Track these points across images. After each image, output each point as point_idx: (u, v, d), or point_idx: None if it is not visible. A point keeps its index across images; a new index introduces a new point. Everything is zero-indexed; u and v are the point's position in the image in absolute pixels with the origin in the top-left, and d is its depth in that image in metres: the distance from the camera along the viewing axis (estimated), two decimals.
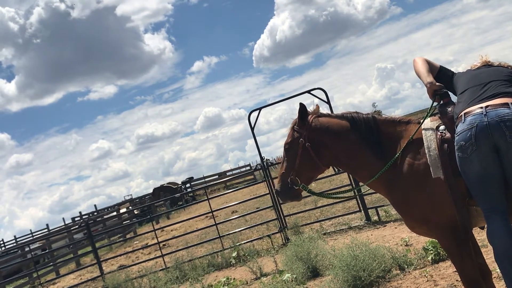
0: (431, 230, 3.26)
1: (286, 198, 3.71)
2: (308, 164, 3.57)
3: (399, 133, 3.40)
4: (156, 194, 30.47)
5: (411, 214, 3.30)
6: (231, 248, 9.51)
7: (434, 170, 3.11)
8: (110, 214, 26.11)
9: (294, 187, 3.58)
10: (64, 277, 13.98)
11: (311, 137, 3.54)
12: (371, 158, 3.39)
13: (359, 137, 3.44)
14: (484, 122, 2.85)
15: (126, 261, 13.82)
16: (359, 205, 9.34)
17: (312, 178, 3.75)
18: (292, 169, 3.59)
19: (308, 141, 3.54)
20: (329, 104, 9.44)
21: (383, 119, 3.48)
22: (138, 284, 9.36)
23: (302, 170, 3.58)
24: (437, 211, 3.16)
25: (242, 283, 7.40)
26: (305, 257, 6.65)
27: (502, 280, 4.46)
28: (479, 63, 3.37)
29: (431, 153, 3.14)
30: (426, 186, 3.16)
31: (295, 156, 3.58)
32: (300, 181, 3.58)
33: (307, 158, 3.55)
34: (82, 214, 30.02)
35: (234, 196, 18.69)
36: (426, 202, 3.17)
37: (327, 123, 3.56)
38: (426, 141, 3.19)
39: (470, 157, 2.88)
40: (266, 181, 9.96)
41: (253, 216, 13.39)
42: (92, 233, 11.99)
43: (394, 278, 5.51)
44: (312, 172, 3.67)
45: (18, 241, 31.36)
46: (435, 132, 3.20)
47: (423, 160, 3.19)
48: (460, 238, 3.14)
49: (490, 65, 3.34)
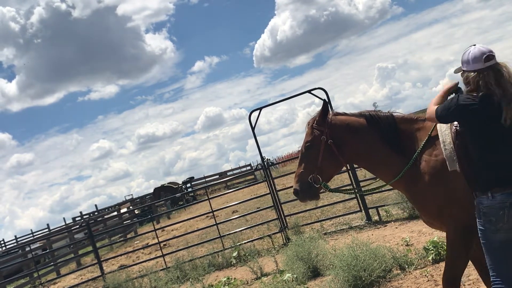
0: (445, 222, 3.30)
1: (306, 197, 3.70)
2: (330, 161, 3.61)
3: (417, 131, 3.47)
4: (157, 194, 30.47)
5: (428, 209, 3.36)
6: (231, 248, 9.52)
7: (450, 163, 3.16)
8: (111, 214, 26.11)
9: (314, 186, 3.59)
10: (65, 277, 13.99)
11: (332, 134, 3.58)
12: (391, 154, 3.45)
13: (378, 134, 3.50)
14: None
15: (127, 261, 13.82)
16: (360, 205, 9.34)
17: (332, 176, 3.78)
18: (314, 167, 3.61)
19: (331, 138, 3.57)
20: (330, 104, 9.44)
21: (401, 117, 3.56)
22: (139, 284, 9.36)
23: (324, 168, 3.61)
24: (453, 204, 3.21)
25: (243, 283, 7.40)
26: (306, 257, 6.65)
27: None
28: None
29: (447, 147, 3.20)
30: (443, 180, 3.22)
31: (317, 154, 3.60)
32: (322, 179, 3.60)
33: (329, 156, 3.59)
34: (83, 214, 30.05)
35: (235, 196, 18.70)
36: (443, 195, 3.23)
37: (347, 121, 3.62)
38: (441, 136, 3.25)
39: (498, 230, 2.85)
40: (266, 181, 9.96)
41: (254, 216, 13.39)
42: (93, 233, 12.00)
43: (395, 278, 5.51)
44: (334, 169, 3.72)
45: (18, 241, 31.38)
46: (450, 126, 3.25)
47: (439, 155, 3.25)
48: (468, 233, 3.16)
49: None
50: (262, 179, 11.59)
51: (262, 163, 10.08)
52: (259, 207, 12.57)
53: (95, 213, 30.18)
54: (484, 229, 2.90)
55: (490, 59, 2.87)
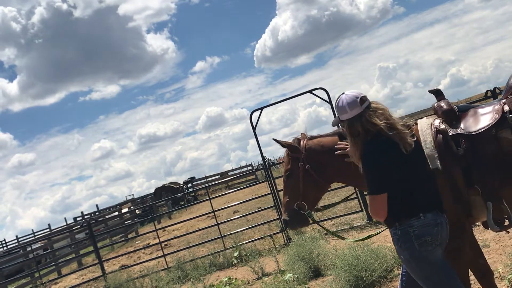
0: None
1: (295, 225, 3.72)
2: (312, 186, 3.60)
3: None
4: (158, 194, 30.49)
5: None
6: (232, 248, 9.52)
7: (431, 161, 3.15)
8: (112, 214, 26.10)
9: (301, 213, 3.59)
10: (66, 277, 13.99)
11: (309, 159, 3.58)
12: None
13: None
14: (442, 221, 2.86)
15: (128, 261, 13.82)
16: (361, 205, 9.34)
17: (318, 198, 3.78)
18: (297, 194, 3.62)
19: (308, 163, 3.57)
20: (331, 104, 9.43)
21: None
22: (140, 284, 9.37)
23: (307, 193, 3.61)
24: None
25: (244, 283, 7.40)
26: (307, 257, 6.65)
27: (503, 280, 4.47)
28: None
29: (427, 145, 3.19)
30: None
31: (298, 181, 3.61)
32: (307, 205, 3.60)
33: (310, 180, 3.58)
34: (84, 214, 30.10)
35: (236, 196, 18.69)
36: None
37: (321, 142, 3.62)
38: (422, 136, 3.25)
39: (436, 246, 2.83)
40: (267, 181, 9.96)
41: (255, 216, 13.38)
42: (94, 233, 12.03)
43: (396, 278, 5.51)
44: (318, 192, 3.71)
45: (20, 241, 31.45)
46: (430, 126, 3.27)
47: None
48: (458, 232, 3.13)
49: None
50: (263, 179, 11.58)
51: (263, 163, 10.08)
52: (260, 207, 12.57)
53: (96, 213, 30.22)
54: (419, 256, 2.78)
55: (364, 100, 2.90)
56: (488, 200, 3.08)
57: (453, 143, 3.14)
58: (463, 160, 3.10)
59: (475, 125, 3.16)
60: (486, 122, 3.13)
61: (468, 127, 3.16)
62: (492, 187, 3.07)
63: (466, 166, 3.10)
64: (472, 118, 3.21)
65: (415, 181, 2.88)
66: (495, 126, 3.09)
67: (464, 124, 3.20)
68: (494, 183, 3.07)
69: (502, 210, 3.08)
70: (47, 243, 19.14)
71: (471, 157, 3.09)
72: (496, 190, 3.07)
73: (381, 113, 2.88)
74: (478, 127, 3.13)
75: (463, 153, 3.10)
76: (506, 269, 4.66)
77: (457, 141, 3.14)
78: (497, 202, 3.07)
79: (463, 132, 3.15)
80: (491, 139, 3.08)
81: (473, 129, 3.14)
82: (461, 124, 3.20)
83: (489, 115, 3.15)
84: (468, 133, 3.14)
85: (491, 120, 3.11)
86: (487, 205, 3.09)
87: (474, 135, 3.12)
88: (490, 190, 3.07)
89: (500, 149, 3.06)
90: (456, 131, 3.17)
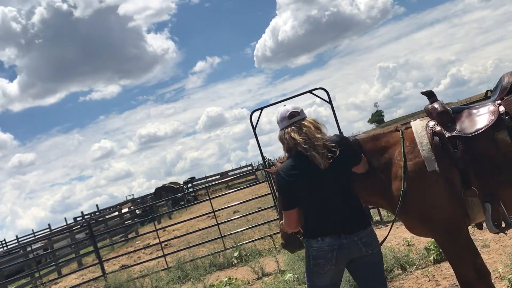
0: (429, 227, 3.26)
1: (293, 248, 3.71)
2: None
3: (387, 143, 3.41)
4: (158, 194, 30.50)
5: (409, 213, 3.29)
6: (233, 248, 9.52)
7: (428, 163, 3.15)
8: (112, 214, 26.11)
9: (297, 237, 3.57)
10: (66, 277, 13.99)
11: None
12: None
13: None
14: (344, 243, 2.94)
15: (128, 261, 13.83)
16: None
17: None
18: None
19: None
20: (331, 104, 9.42)
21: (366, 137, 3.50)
22: (140, 284, 9.37)
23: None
24: (434, 206, 3.17)
25: (244, 283, 7.40)
26: None
27: (502, 280, 4.47)
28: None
29: (424, 148, 3.20)
30: (421, 181, 3.18)
31: None
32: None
33: None
34: (84, 214, 30.11)
35: (236, 196, 18.69)
36: (423, 197, 3.19)
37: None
38: (418, 138, 3.25)
39: (325, 273, 2.98)
40: (267, 181, 9.96)
41: (255, 216, 13.39)
42: (94, 233, 12.02)
43: (396, 278, 5.51)
44: None
45: (20, 241, 31.45)
46: (426, 128, 3.26)
47: (418, 158, 3.22)
48: (455, 234, 3.14)
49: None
50: (263, 179, 11.60)
51: (263, 163, 10.08)
52: (260, 207, 12.57)
53: (96, 213, 30.23)
54: (311, 272, 3.02)
55: (294, 115, 3.04)
56: (486, 201, 3.09)
57: (450, 145, 3.14)
58: (460, 162, 3.10)
59: (472, 126, 3.14)
60: (482, 124, 3.12)
61: (465, 129, 3.15)
62: (490, 188, 3.07)
63: (463, 168, 3.10)
64: (468, 119, 3.20)
65: (325, 201, 2.97)
66: (492, 128, 3.08)
67: (459, 125, 3.18)
68: (492, 185, 3.07)
69: (499, 212, 3.08)
70: (47, 243, 19.15)
71: (468, 159, 3.09)
72: (494, 191, 3.07)
73: (305, 130, 2.97)
74: (475, 128, 3.12)
75: (460, 155, 3.10)
76: (506, 269, 4.66)
77: (453, 143, 3.14)
78: (495, 204, 3.07)
79: (460, 134, 3.14)
80: (488, 141, 3.08)
81: (470, 130, 3.13)
82: (457, 125, 3.19)
83: (485, 116, 3.14)
84: (465, 135, 3.13)
85: (488, 122, 3.10)
86: (485, 206, 3.09)
87: (471, 137, 3.11)
88: (488, 192, 3.07)
89: (497, 151, 3.06)
90: (452, 133, 3.17)
